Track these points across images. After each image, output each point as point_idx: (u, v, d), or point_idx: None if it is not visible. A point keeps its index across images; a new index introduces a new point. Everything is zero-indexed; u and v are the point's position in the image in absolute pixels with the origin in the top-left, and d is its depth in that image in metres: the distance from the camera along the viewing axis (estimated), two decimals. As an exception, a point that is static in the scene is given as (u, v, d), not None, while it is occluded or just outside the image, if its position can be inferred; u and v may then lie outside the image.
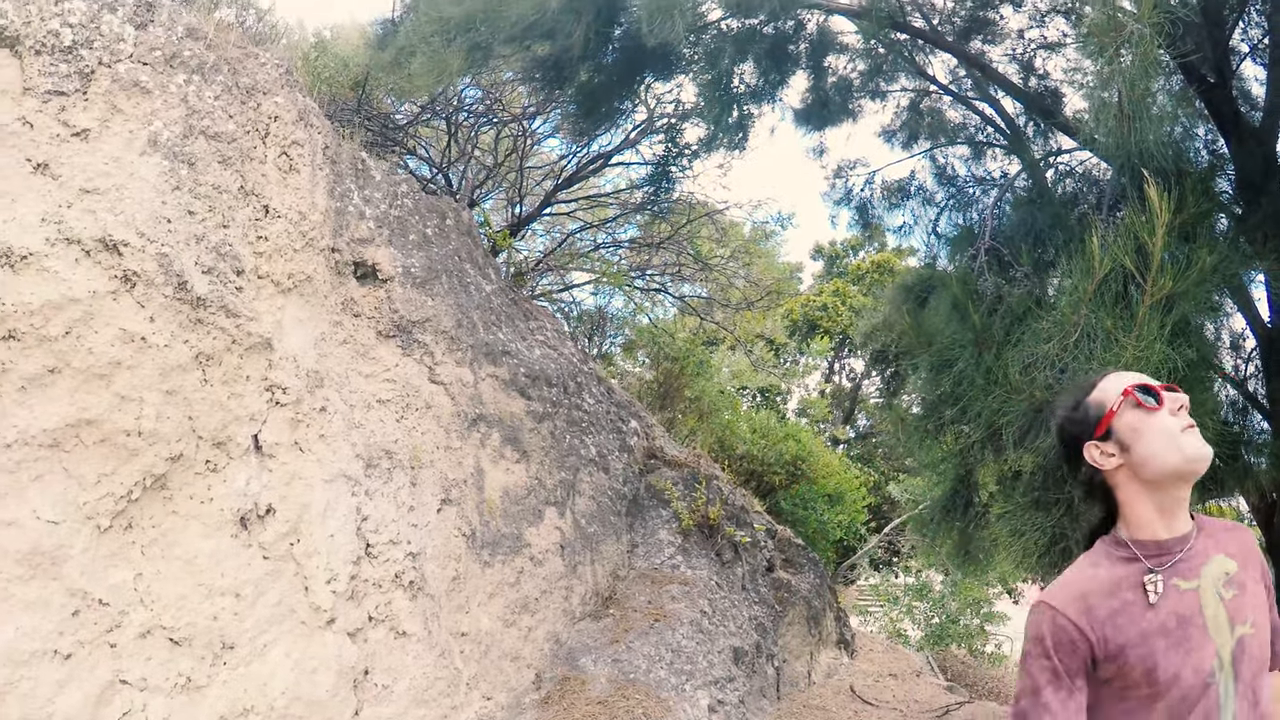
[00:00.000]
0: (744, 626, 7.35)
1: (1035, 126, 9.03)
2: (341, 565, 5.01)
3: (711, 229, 16.69)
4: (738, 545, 7.90)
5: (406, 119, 13.39)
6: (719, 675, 6.70)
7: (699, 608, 7.03)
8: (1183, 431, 2.13)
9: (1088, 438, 2.25)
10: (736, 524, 8.12)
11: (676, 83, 11.63)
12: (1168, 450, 2.12)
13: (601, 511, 7.15)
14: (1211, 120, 6.99)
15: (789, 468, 15.82)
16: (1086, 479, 2.31)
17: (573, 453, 7.05)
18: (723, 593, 7.41)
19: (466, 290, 6.70)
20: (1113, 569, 2.17)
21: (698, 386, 15.77)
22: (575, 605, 6.69)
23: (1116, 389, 2.23)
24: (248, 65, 5.24)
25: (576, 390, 7.52)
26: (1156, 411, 2.16)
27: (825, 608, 8.72)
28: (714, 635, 6.95)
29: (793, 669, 8.03)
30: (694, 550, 7.60)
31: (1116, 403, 2.21)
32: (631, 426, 8.16)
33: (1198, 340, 5.35)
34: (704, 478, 8.21)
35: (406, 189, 6.56)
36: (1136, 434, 2.17)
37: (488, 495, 6.16)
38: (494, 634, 5.99)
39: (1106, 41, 4.85)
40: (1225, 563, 2.17)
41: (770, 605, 7.96)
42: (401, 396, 5.73)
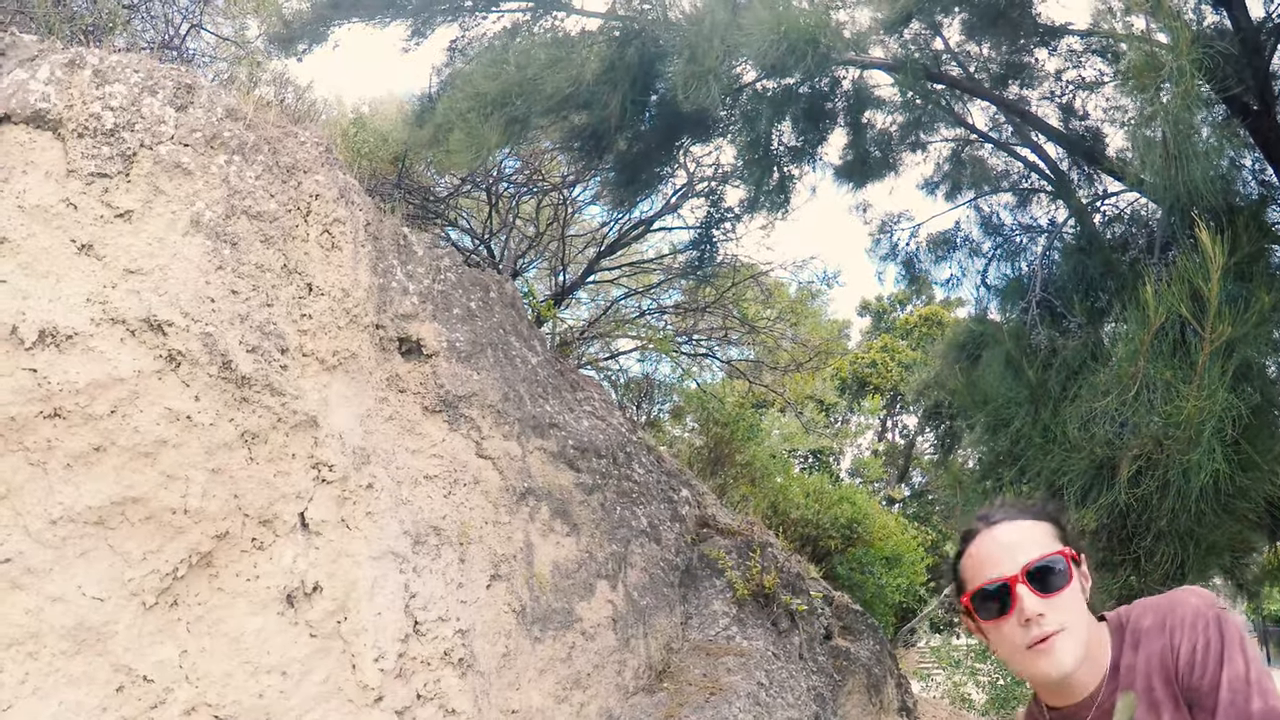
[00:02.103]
0: (802, 698, 7.19)
1: (1079, 170, 8.96)
2: (389, 643, 4.94)
3: (756, 291, 16.64)
4: (794, 614, 7.75)
5: (447, 191, 13.51)
6: (778, 748, 6.55)
7: (755, 679, 6.88)
8: (1030, 649, 1.88)
9: (959, 592, 2.07)
10: (792, 591, 7.97)
11: (715, 145, 11.66)
12: (1014, 663, 1.96)
13: (654, 583, 7.05)
14: (1258, 149, 6.87)
15: (844, 531, 15.58)
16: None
17: (623, 524, 6.97)
18: (779, 663, 7.25)
19: (512, 363, 6.68)
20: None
21: (748, 451, 15.64)
22: (628, 679, 6.57)
23: (975, 578, 1.99)
24: (287, 144, 5.29)
25: (626, 460, 7.45)
26: (1002, 623, 1.92)
27: (886, 674, 8.52)
28: (771, 708, 6.79)
29: (854, 738, 7.85)
30: (749, 620, 7.46)
31: (966, 595, 2.01)
32: (683, 495, 8.07)
33: (1261, 383, 5.23)
34: (758, 545, 8.08)
35: (449, 263, 6.57)
36: (989, 635, 2.00)
37: (537, 569, 6.08)
38: (545, 711, 5.88)
39: (1147, 81, 4.79)
40: (1127, 703, 1.91)
41: (829, 674, 7.79)
42: (449, 472, 5.69)
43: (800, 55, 6.13)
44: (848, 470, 28.05)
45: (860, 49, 7.19)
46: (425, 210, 12.95)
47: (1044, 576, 1.88)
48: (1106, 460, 4.73)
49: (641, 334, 17.02)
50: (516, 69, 7.10)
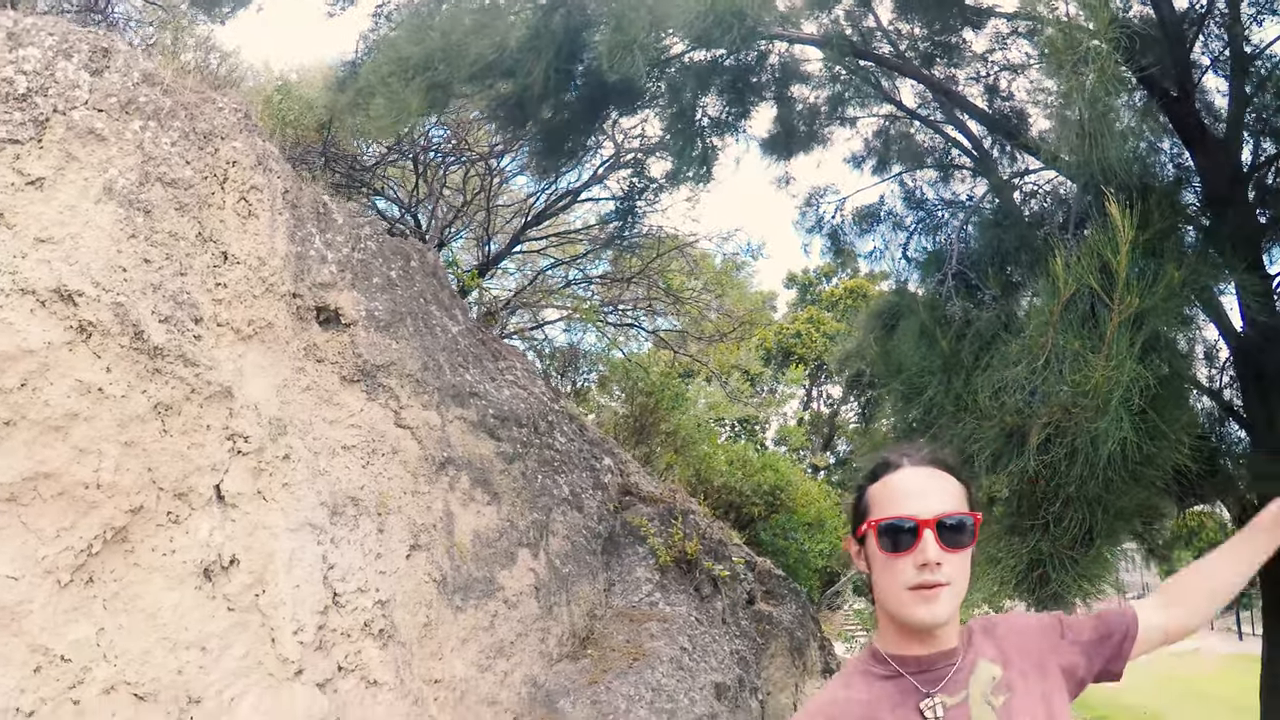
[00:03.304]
0: (725, 661, 7.27)
1: (1001, 149, 9.06)
2: (308, 615, 4.92)
3: (682, 262, 16.68)
4: (717, 579, 7.82)
5: (374, 160, 13.35)
6: (701, 712, 6.61)
7: (679, 644, 6.95)
8: (912, 591, 1.87)
9: (852, 530, 2.03)
10: (715, 558, 8.05)
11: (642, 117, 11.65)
12: (893, 601, 1.91)
13: (576, 551, 7.07)
14: (1176, 134, 7.01)
15: (767, 498, 15.78)
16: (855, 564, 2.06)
17: (545, 493, 6.98)
18: (703, 628, 7.33)
19: (432, 332, 6.64)
20: (869, 688, 1.95)
21: (674, 420, 15.72)
22: (552, 647, 6.60)
23: (886, 507, 1.94)
24: (205, 110, 5.20)
25: (548, 429, 7.45)
26: (896, 558, 1.89)
27: (809, 637, 8.65)
28: (695, 672, 6.86)
29: (777, 701, 7.95)
30: (672, 586, 7.52)
31: (865, 526, 1.96)
32: (605, 464, 8.09)
33: (1170, 355, 5.32)
34: (680, 512, 8.14)
35: (370, 231, 6.50)
36: (876, 565, 1.95)
37: (458, 539, 6.07)
38: (469, 680, 5.89)
39: (1064, 58, 4.85)
40: (989, 668, 1.97)
41: (752, 638, 7.88)
42: (367, 442, 5.65)
43: (727, 28, 6.12)
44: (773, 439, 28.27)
45: (791, 24, 7.19)
46: (351, 179, 12.79)
47: (952, 531, 1.89)
48: (1016, 428, 4.80)
49: (567, 304, 17.00)
50: (441, 34, 7.01)
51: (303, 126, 11.12)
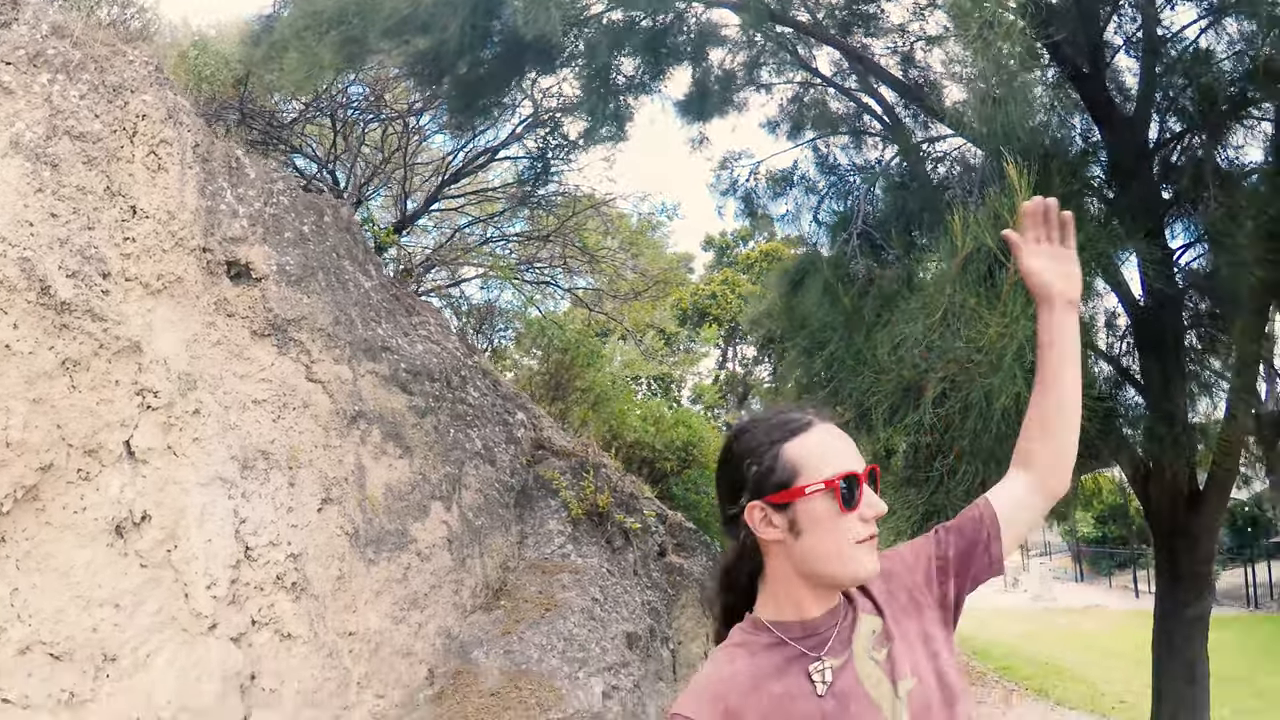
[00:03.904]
0: (637, 612, 7.42)
1: (914, 117, 9.21)
2: (221, 570, 4.95)
3: (598, 221, 16.70)
4: (628, 532, 7.95)
5: (292, 117, 13.17)
6: (613, 661, 6.75)
7: (590, 595, 7.07)
8: (858, 544, 1.82)
9: (758, 495, 1.85)
10: (626, 511, 8.17)
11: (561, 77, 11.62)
12: (837, 560, 1.82)
13: (489, 504, 7.15)
14: (1086, 110, 7.20)
15: (680, 453, 15.92)
16: (740, 537, 1.90)
17: (457, 446, 7.03)
18: (614, 579, 7.46)
19: (345, 287, 6.64)
20: (752, 660, 1.85)
21: (589, 377, 15.79)
22: (466, 599, 6.68)
23: (823, 464, 1.83)
24: (115, 63, 5.14)
25: (460, 384, 7.50)
26: (848, 514, 1.81)
27: (719, 589, 8.82)
28: (606, 622, 7.00)
29: (689, 650, 8.11)
30: (584, 539, 7.63)
31: (815, 486, 1.81)
32: (518, 418, 8.16)
33: None
34: (592, 466, 8.24)
35: (283, 186, 6.48)
36: (816, 526, 1.81)
37: (370, 492, 6.12)
38: (383, 632, 5.96)
39: (971, 20, 4.96)
40: (869, 621, 1.90)
41: (663, 589, 8.03)
42: (278, 396, 5.67)
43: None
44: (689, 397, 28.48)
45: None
46: (269, 136, 12.58)
47: (874, 482, 1.88)
48: (914, 383, 4.91)
49: (485, 262, 16.96)
50: (357, -12, 6.96)
51: (219, 82, 10.91)
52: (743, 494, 1.87)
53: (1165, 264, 7.14)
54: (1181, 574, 7.97)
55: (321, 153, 13.87)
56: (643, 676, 7.05)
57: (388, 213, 15.69)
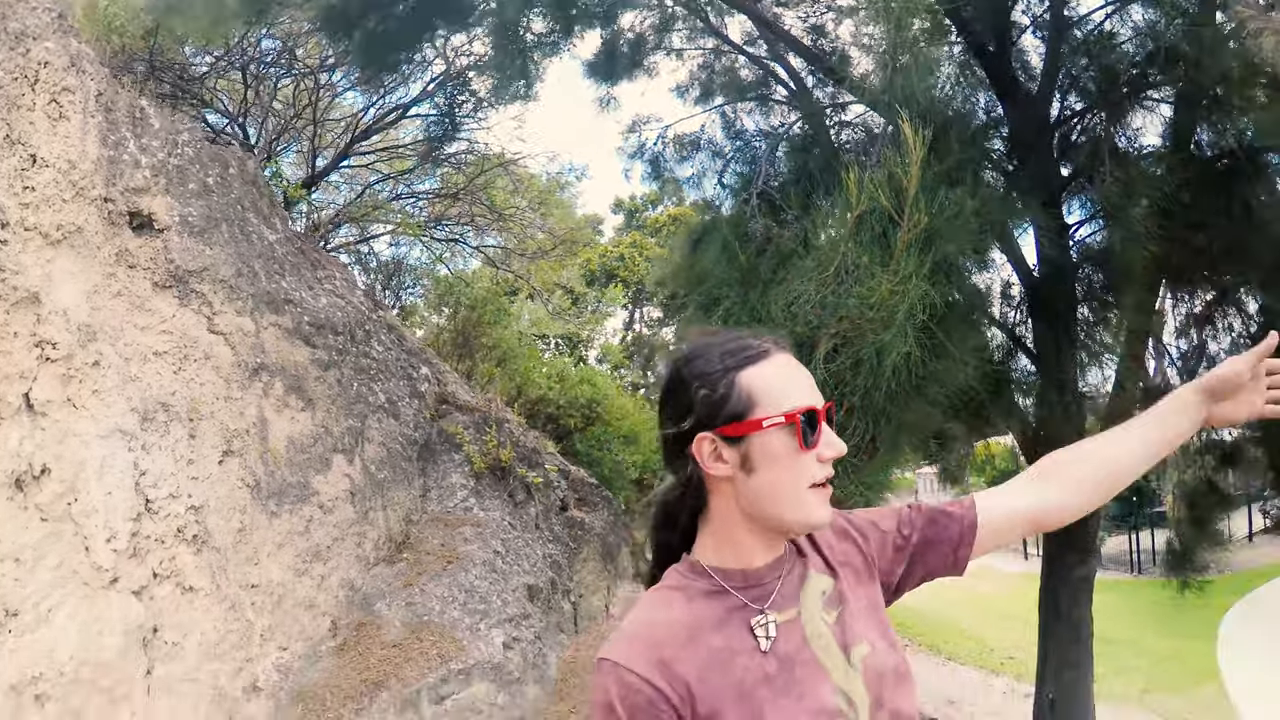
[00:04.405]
0: (538, 565, 7.52)
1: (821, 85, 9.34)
2: (121, 523, 4.94)
3: (507, 180, 16.66)
4: (530, 486, 8.03)
5: (203, 70, 12.93)
6: (514, 613, 6.85)
7: (492, 548, 7.15)
8: (813, 489, 1.66)
9: (708, 426, 1.66)
10: (529, 465, 8.25)
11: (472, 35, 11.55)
12: (790, 503, 1.66)
13: (392, 457, 7.18)
14: (991, 87, 7.39)
15: (584, 411, 16.06)
16: (683, 471, 1.72)
17: (361, 400, 7.05)
18: (516, 532, 7.54)
19: (248, 239, 6.60)
20: (690, 607, 1.68)
21: (495, 334, 15.81)
22: (369, 551, 6.73)
23: (783, 397, 1.66)
24: (18, 10, 5.06)
25: (365, 338, 7.50)
26: (806, 453, 1.65)
27: (620, 543, 8.95)
28: (508, 574, 7.09)
29: (589, 603, 8.24)
30: (486, 492, 7.70)
31: (774, 419, 1.64)
32: (423, 373, 8.18)
33: (960, 281, 5.63)
34: (495, 421, 8.30)
35: (188, 138, 6.40)
36: (771, 463, 1.65)
37: (272, 445, 6.12)
38: (286, 584, 5.99)
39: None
40: (820, 580, 1.77)
41: (565, 543, 8.14)
42: (179, 348, 5.64)
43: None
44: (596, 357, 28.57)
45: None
46: (179, 89, 12.33)
47: (830, 421, 1.70)
48: (806, 339, 4.95)
49: (394, 219, 16.84)
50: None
51: (130, 34, 10.67)
52: (690, 423, 1.68)
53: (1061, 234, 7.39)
54: (1068, 538, 8.28)
55: (233, 108, 13.65)
56: (544, 628, 7.16)
57: (300, 169, 15.50)
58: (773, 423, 1.63)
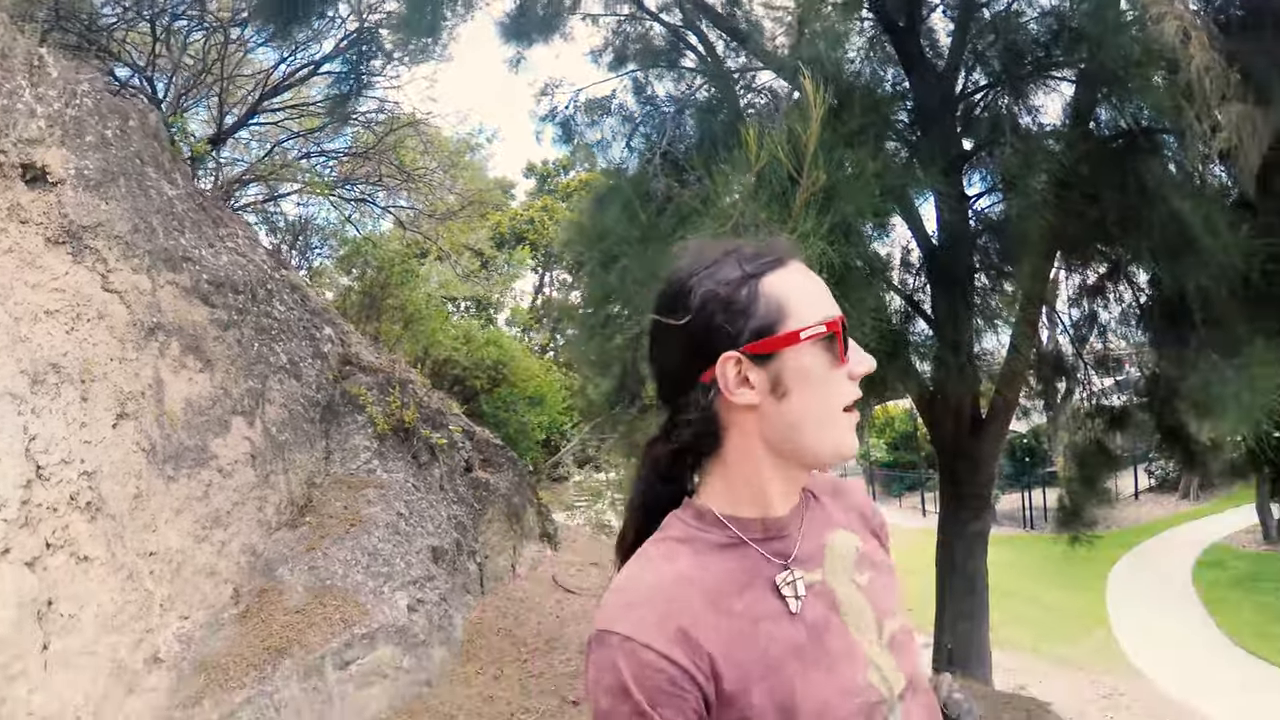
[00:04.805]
0: (443, 526, 7.48)
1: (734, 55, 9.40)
2: (11, 490, 4.79)
3: (417, 140, 16.48)
4: (434, 447, 7.98)
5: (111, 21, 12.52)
6: (418, 575, 6.82)
7: (395, 510, 7.10)
8: (845, 412, 1.46)
9: (732, 345, 1.41)
10: (433, 426, 8.19)
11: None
12: (825, 429, 1.44)
13: (294, 419, 7.08)
14: (900, 63, 7.50)
15: (490, 372, 16.12)
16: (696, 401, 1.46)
17: (261, 361, 6.92)
18: (420, 494, 7.50)
19: (147, 194, 6.43)
20: (702, 564, 1.43)
21: (403, 296, 15.71)
22: (270, 515, 6.63)
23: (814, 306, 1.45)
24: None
25: (266, 297, 7.36)
26: (839, 369, 1.45)
27: (525, 504, 8.94)
28: (411, 536, 7.05)
29: (496, 564, 8.22)
30: (390, 454, 7.63)
31: (812, 329, 1.42)
32: (326, 334, 8.06)
33: (859, 243, 5.71)
34: (399, 382, 8.22)
35: (88, 88, 6.19)
36: (805, 383, 1.42)
37: (169, 407, 5.99)
38: (185, 551, 5.87)
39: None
40: (849, 539, 1.57)
41: (470, 504, 8.10)
42: (72, 306, 5.48)
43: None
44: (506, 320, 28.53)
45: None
46: (86, 40, 11.93)
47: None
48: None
49: (303, 178, 16.55)
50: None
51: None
52: (706, 346, 1.42)
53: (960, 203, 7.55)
54: (964, 495, 8.53)
55: (141, 61, 13.27)
56: (449, 590, 7.13)
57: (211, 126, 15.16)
58: (812, 333, 1.42)
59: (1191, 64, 4.81)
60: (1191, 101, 4.93)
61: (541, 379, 17.52)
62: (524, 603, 7.92)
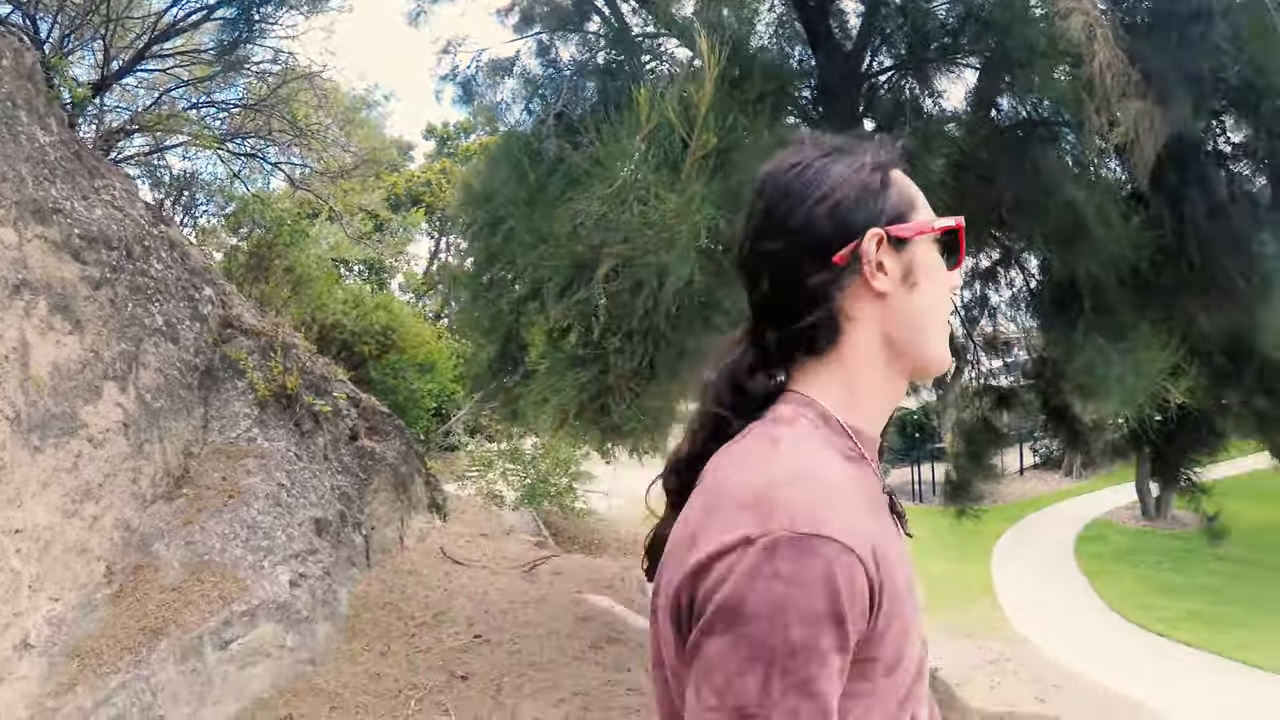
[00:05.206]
0: (326, 497, 7.24)
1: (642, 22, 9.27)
2: None
3: (311, 94, 15.95)
4: (318, 415, 7.69)
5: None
6: (300, 549, 6.58)
7: (276, 480, 6.84)
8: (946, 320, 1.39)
9: (876, 222, 1.32)
10: (317, 393, 7.89)
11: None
12: (943, 334, 1.38)
13: (170, 385, 6.74)
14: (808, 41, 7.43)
15: (379, 338, 15.83)
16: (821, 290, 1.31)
17: (136, 322, 6.57)
18: (302, 464, 7.23)
19: (16, 140, 6.04)
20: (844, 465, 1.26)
21: (292, 257, 15.28)
22: (145, 488, 6.31)
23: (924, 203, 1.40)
24: None
25: (143, 255, 6.99)
26: (953, 273, 1.40)
27: (413, 473, 8.71)
28: (294, 508, 6.80)
29: (383, 535, 8.00)
30: (271, 422, 7.34)
31: (944, 222, 1.38)
32: (206, 294, 7.69)
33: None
34: (282, 346, 7.90)
35: (-45, 25, 5.78)
36: (931, 281, 1.36)
37: (34, 372, 5.63)
38: (54, 527, 5.54)
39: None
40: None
41: (355, 474, 7.84)
42: (-75, 260, 5.12)
43: None
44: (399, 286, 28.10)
45: None
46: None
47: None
48: (589, 260, 4.93)
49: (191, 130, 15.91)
50: None
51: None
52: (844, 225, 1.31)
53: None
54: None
55: (29, 3, 12.59)
56: (333, 563, 6.91)
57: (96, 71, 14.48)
58: (943, 225, 1.36)
59: (1095, 60, 4.88)
60: (1092, 96, 5.00)
61: (433, 346, 17.31)
62: (411, 575, 7.72)
